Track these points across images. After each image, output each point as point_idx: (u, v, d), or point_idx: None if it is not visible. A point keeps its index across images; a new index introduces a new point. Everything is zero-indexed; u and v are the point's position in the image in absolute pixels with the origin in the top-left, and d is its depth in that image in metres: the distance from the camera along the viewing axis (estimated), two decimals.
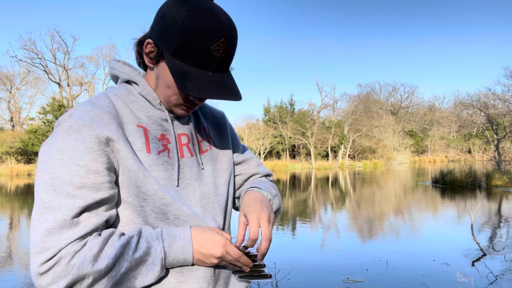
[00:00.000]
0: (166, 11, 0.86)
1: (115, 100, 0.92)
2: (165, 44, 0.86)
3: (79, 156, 0.80)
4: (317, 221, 8.80)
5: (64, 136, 0.81)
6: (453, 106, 76.44)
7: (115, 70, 0.99)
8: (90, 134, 0.81)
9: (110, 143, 0.83)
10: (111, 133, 0.83)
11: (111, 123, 0.85)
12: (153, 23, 0.90)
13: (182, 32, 0.83)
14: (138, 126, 0.91)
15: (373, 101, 61.23)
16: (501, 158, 24.00)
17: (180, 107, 0.94)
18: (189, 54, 0.84)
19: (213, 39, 0.83)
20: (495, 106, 33.45)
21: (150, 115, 0.95)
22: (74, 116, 0.84)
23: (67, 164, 0.79)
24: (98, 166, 0.81)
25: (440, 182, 17.78)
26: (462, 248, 6.00)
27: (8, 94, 44.63)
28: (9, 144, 34.44)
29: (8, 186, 20.00)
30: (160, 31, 0.87)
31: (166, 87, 0.91)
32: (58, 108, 37.76)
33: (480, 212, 9.38)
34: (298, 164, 44.39)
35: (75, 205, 0.78)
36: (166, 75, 0.89)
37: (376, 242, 6.62)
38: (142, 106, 0.95)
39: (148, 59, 0.92)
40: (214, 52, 0.84)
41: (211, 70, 0.87)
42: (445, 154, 64.19)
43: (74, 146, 0.80)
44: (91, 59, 46.27)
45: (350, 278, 4.56)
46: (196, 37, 0.83)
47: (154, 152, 0.90)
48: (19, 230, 8.29)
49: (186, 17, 0.83)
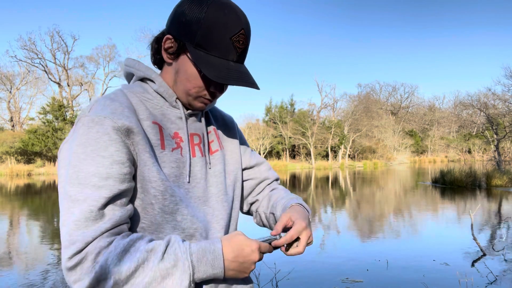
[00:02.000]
0: (186, 7, 0.89)
1: (131, 97, 0.92)
2: (187, 37, 0.89)
3: (102, 147, 0.80)
4: (317, 221, 8.80)
5: (85, 129, 0.81)
6: (453, 106, 76.43)
7: (130, 67, 0.99)
8: (113, 126, 0.81)
9: (130, 135, 0.84)
10: (132, 125, 0.84)
11: (132, 116, 0.86)
12: (172, 20, 0.93)
13: (204, 24, 0.87)
14: (154, 123, 0.91)
15: (373, 101, 61.18)
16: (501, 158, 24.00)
17: (199, 99, 0.95)
18: (212, 45, 0.88)
19: (234, 30, 0.88)
20: (495, 106, 33.44)
21: (165, 113, 0.96)
22: (94, 110, 0.84)
23: (91, 156, 0.79)
24: (122, 156, 0.81)
25: (440, 182, 17.78)
26: (462, 248, 5.99)
27: (8, 94, 44.62)
28: (9, 144, 34.43)
29: (8, 186, 19.98)
30: (181, 25, 0.90)
31: (186, 80, 0.92)
32: (58, 108, 37.74)
33: (480, 212, 9.38)
34: (298, 164, 44.38)
35: (101, 196, 0.78)
36: (186, 68, 0.91)
37: (376, 242, 6.61)
38: (157, 103, 0.95)
39: (167, 54, 0.94)
40: (235, 43, 0.89)
41: (232, 60, 0.91)
42: (445, 154, 64.17)
43: (97, 138, 0.80)
44: (91, 59, 46.25)
45: (350, 278, 4.56)
46: (219, 28, 0.87)
47: (168, 149, 0.92)
48: (19, 230, 8.29)
49: (208, 11, 0.87)
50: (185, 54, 0.91)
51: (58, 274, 4.95)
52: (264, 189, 1.22)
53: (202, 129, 1.03)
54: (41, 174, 30.98)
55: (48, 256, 5.91)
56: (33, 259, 5.73)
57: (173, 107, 0.97)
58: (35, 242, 7.01)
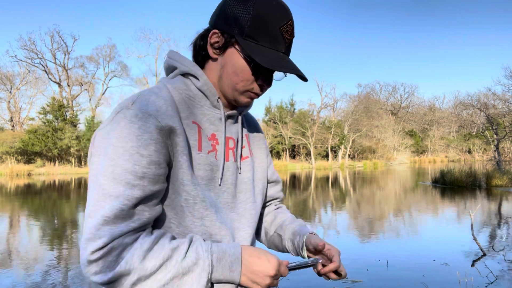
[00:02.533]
0: (233, 1, 0.90)
1: (174, 94, 0.91)
2: (236, 29, 0.88)
3: (143, 145, 0.78)
4: (317, 221, 8.80)
5: (127, 123, 0.79)
6: (453, 106, 76.44)
7: (175, 61, 0.97)
8: (156, 125, 0.80)
9: (171, 135, 0.83)
10: (174, 125, 0.83)
11: (175, 116, 0.85)
12: (218, 15, 0.92)
13: (254, 15, 0.86)
14: (193, 123, 0.90)
15: (373, 101, 61.19)
16: (501, 158, 24.00)
17: (246, 94, 0.94)
18: (262, 35, 0.87)
19: (283, 20, 0.88)
20: (495, 106, 33.44)
21: (204, 113, 0.94)
22: (138, 104, 0.82)
23: (130, 153, 0.77)
24: (160, 157, 0.80)
25: (440, 182, 17.78)
26: (462, 248, 5.99)
27: (8, 94, 44.63)
28: (9, 144, 34.44)
29: (8, 186, 19.98)
30: (229, 18, 0.89)
31: (233, 73, 0.91)
32: (58, 108, 37.74)
33: (480, 212, 9.37)
34: (298, 164, 44.38)
35: (133, 195, 0.77)
36: (234, 61, 0.90)
37: (376, 242, 6.61)
38: (199, 102, 0.94)
39: (213, 49, 0.92)
40: (284, 33, 0.89)
41: (281, 51, 0.90)
42: (445, 154, 64.18)
43: (138, 135, 0.78)
44: (91, 59, 46.27)
45: (350, 278, 4.56)
46: (268, 18, 0.87)
47: (204, 151, 0.91)
48: (19, 230, 8.29)
49: (257, 2, 0.87)
50: (233, 47, 0.90)
51: (58, 274, 4.95)
52: (271, 204, 1.24)
53: (237, 133, 1.02)
54: (41, 174, 30.98)
55: (48, 256, 5.90)
56: (33, 259, 5.73)
57: (214, 107, 0.95)
58: (35, 242, 7.00)
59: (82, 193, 16.58)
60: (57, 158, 36.37)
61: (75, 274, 4.96)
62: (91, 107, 46.43)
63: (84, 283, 4.56)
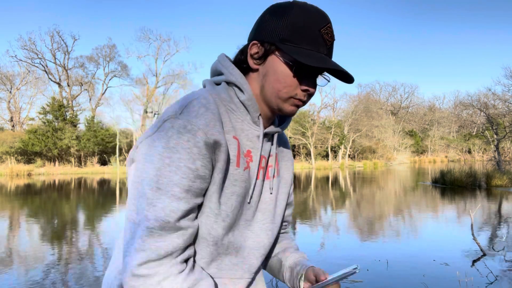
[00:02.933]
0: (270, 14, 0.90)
1: (219, 105, 0.89)
2: (275, 36, 0.87)
3: (191, 159, 0.78)
4: (317, 221, 8.80)
5: (175, 134, 0.78)
6: (453, 106, 76.45)
7: (224, 67, 0.95)
8: (205, 140, 0.79)
9: (216, 151, 0.82)
10: (221, 142, 0.82)
11: (221, 131, 0.84)
12: (256, 29, 0.92)
13: (292, 20, 0.86)
14: (234, 138, 0.89)
15: (373, 101, 61.19)
16: (501, 158, 24.00)
17: (290, 101, 0.91)
18: (302, 38, 0.86)
19: (322, 23, 0.87)
20: (495, 106, 33.44)
21: (243, 128, 0.93)
22: (187, 114, 0.80)
23: (177, 165, 0.77)
24: (206, 172, 0.80)
25: (440, 182, 17.78)
26: (462, 248, 5.99)
27: (8, 94, 44.62)
28: (9, 144, 34.44)
29: (8, 186, 19.98)
30: (267, 29, 0.88)
31: (276, 80, 0.89)
32: (58, 108, 37.73)
33: (480, 212, 9.37)
34: (298, 164, 44.37)
35: (179, 208, 0.77)
36: (276, 68, 0.88)
37: (376, 242, 6.61)
38: (240, 117, 0.92)
39: (253, 60, 0.91)
40: (324, 35, 0.87)
41: (323, 53, 0.88)
42: (445, 154, 64.19)
43: (187, 148, 0.77)
44: (91, 59, 46.24)
45: (350, 278, 4.56)
46: (307, 22, 0.86)
47: (241, 167, 0.90)
48: (19, 230, 8.29)
49: (293, 9, 0.87)
50: (273, 54, 0.89)
51: (58, 274, 4.95)
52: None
53: (268, 152, 1.00)
54: (41, 174, 30.98)
55: (48, 256, 5.90)
56: (33, 259, 5.73)
57: (253, 123, 0.94)
58: (35, 242, 7.00)
59: (82, 193, 16.58)
60: (57, 158, 36.36)
61: (75, 273, 4.96)
62: (91, 107, 46.42)
63: (83, 282, 4.56)
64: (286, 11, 0.87)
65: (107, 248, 6.43)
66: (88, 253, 6.06)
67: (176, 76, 47.20)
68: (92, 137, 37.22)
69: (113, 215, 10.47)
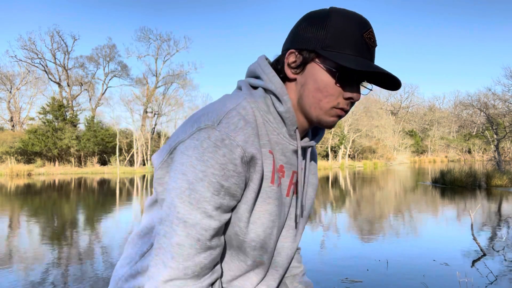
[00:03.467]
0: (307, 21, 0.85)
1: (257, 115, 0.83)
2: (314, 43, 0.82)
3: (225, 176, 0.74)
4: (317, 221, 8.80)
5: (211, 146, 0.73)
6: (453, 106, 76.47)
7: (263, 73, 0.88)
8: (242, 157, 0.75)
9: (251, 169, 0.78)
10: (257, 159, 0.78)
11: (259, 148, 0.79)
12: (293, 37, 0.86)
13: (333, 27, 0.81)
14: (270, 152, 0.84)
15: (373, 101, 61.17)
16: (501, 158, 24.01)
17: (332, 112, 0.85)
18: (344, 43, 0.81)
19: (364, 27, 0.83)
20: (495, 106, 33.44)
21: (279, 142, 0.87)
22: (225, 127, 0.75)
23: (210, 180, 0.73)
24: (238, 191, 0.77)
25: (440, 182, 17.78)
26: (462, 248, 5.99)
27: (8, 94, 44.62)
28: (9, 144, 34.45)
29: (8, 186, 19.98)
30: (305, 36, 0.84)
31: (316, 90, 0.83)
32: (58, 108, 37.74)
33: (480, 212, 9.37)
34: None
35: (211, 226, 0.74)
36: (316, 76, 0.83)
37: (376, 242, 6.61)
38: (276, 129, 0.86)
39: (291, 70, 0.86)
40: (367, 40, 0.83)
41: (367, 58, 0.84)
42: (445, 154, 64.21)
43: (222, 164, 0.73)
44: (91, 59, 46.27)
45: (349, 278, 4.56)
46: (349, 27, 0.81)
47: (275, 184, 0.85)
48: (19, 230, 8.29)
49: (332, 15, 0.83)
50: (313, 62, 0.83)
51: (58, 274, 4.95)
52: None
53: (299, 167, 0.93)
54: (41, 174, 30.98)
55: (48, 255, 5.90)
56: (33, 259, 5.73)
57: (289, 136, 0.88)
58: (35, 242, 7.00)
59: (82, 193, 16.58)
60: (57, 158, 36.37)
61: (75, 273, 4.96)
62: (91, 107, 46.43)
63: (83, 282, 4.56)
64: (325, 18, 0.82)
65: (107, 248, 6.43)
66: (88, 253, 6.06)
67: (176, 76, 47.23)
68: (92, 137, 37.23)
69: (113, 215, 10.47)
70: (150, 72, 47.34)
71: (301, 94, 0.85)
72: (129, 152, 40.82)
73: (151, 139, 41.73)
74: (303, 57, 0.83)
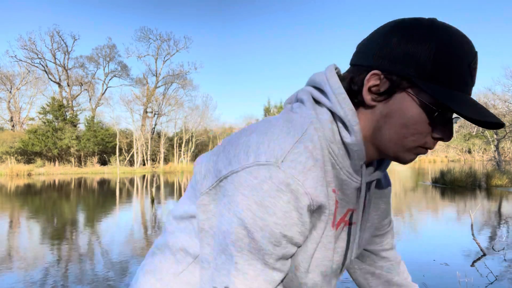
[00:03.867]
0: (402, 34, 0.67)
1: (323, 147, 0.69)
2: (410, 69, 0.65)
3: (288, 225, 0.64)
4: None
5: (274, 191, 0.62)
6: None
7: (333, 93, 0.71)
8: (308, 206, 0.65)
9: (315, 215, 0.69)
10: (325, 206, 0.69)
11: (327, 194, 0.69)
12: (376, 53, 0.69)
13: (438, 50, 0.64)
14: (333, 191, 0.71)
15: None
16: (501, 158, 24.02)
17: (415, 150, 0.71)
18: (449, 76, 0.65)
19: (471, 55, 0.66)
20: (495, 106, 33.47)
21: (341, 177, 0.73)
22: (292, 168, 0.63)
23: (271, 230, 0.63)
24: (300, 240, 0.67)
25: (440, 182, 17.78)
26: (462, 248, 5.99)
27: (8, 94, 44.66)
28: (9, 144, 34.49)
29: (8, 186, 19.99)
30: (398, 56, 0.66)
31: (402, 126, 0.68)
32: (58, 108, 37.77)
33: (480, 212, 9.38)
34: None
35: (274, 279, 0.66)
36: (406, 109, 0.67)
37: None
38: (340, 163, 0.72)
39: (371, 96, 0.69)
40: (472, 71, 0.67)
41: (468, 93, 0.68)
42: (445, 154, 64.26)
43: (286, 211, 0.63)
44: (91, 59, 46.32)
45: (349, 278, 4.55)
46: (456, 54, 0.65)
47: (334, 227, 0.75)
48: (19, 230, 8.29)
49: (438, 33, 0.65)
50: (404, 91, 0.67)
51: (57, 274, 4.95)
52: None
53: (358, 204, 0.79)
54: (41, 174, 31.00)
55: (48, 255, 5.91)
56: (33, 259, 5.73)
57: (354, 171, 0.74)
58: (35, 242, 7.01)
59: (82, 193, 16.58)
60: (57, 158, 36.38)
61: (74, 273, 4.96)
62: (91, 107, 46.46)
63: (83, 282, 4.56)
64: (426, 36, 0.65)
65: (107, 248, 6.43)
66: (88, 253, 6.07)
67: (176, 76, 47.29)
68: (92, 137, 37.26)
69: (113, 215, 10.48)
70: (150, 72, 47.40)
71: (380, 126, 0.70)
72: (129, 152, 40.84)
73: (151, 139, 41.76)
74: (391, 83, 0.67)
